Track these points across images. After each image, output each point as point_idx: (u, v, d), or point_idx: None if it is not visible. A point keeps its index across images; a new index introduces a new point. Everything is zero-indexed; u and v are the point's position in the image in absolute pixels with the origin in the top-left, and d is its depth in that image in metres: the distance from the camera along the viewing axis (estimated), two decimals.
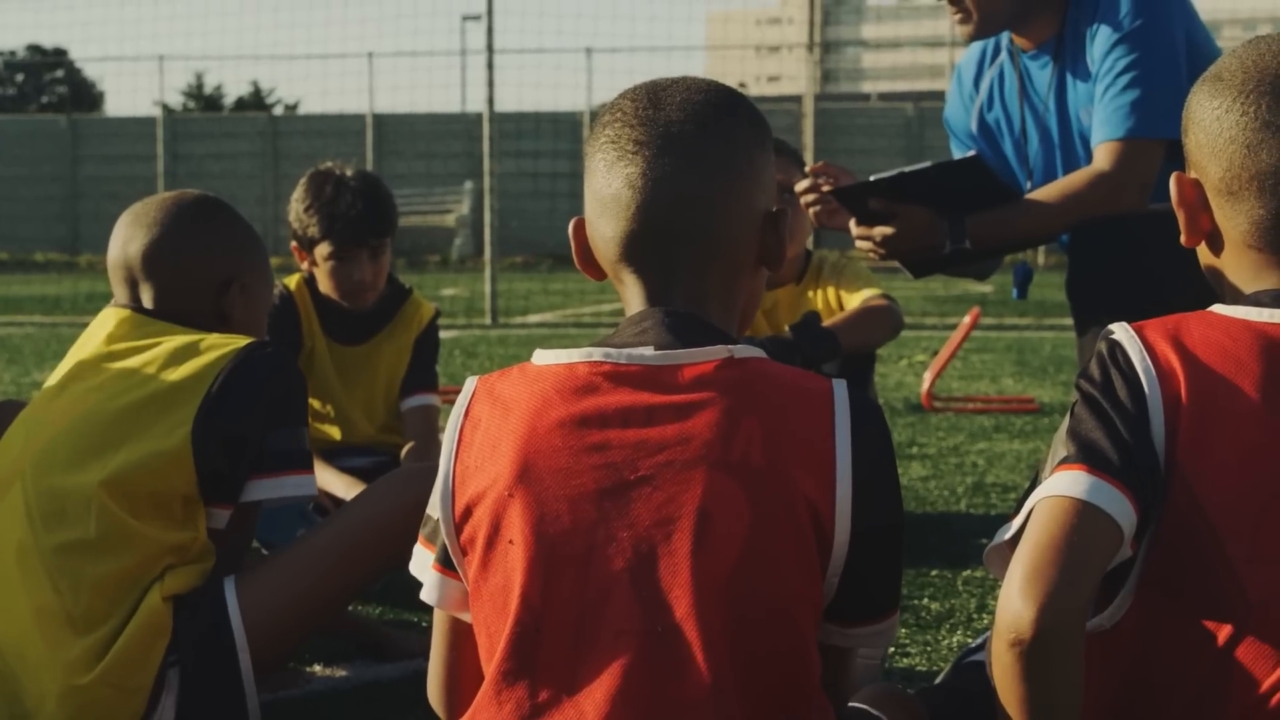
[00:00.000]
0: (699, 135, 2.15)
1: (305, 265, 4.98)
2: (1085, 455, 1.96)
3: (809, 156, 22.00)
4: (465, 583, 2.13)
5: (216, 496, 2.99)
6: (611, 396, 2.07)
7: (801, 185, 4.36)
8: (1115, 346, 2.02)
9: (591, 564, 2.02)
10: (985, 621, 3.96)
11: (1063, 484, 1.94)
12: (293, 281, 5.03)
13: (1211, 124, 2.07)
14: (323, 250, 4.89)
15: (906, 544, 2.16)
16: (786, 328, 4.70)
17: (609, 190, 2.16)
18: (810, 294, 5.13)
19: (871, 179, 4.11)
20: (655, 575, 2.00)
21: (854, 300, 5.02)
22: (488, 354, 11.88)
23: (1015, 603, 1.86)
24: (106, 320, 3.18)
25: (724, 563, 2.00)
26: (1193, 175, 2.12)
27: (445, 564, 2.15)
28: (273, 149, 32.23)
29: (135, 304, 3.20)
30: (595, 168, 2.19)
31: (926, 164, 4.10)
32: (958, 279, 4.61)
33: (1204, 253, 2.15)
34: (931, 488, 5.96)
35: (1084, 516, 1.91)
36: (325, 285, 4.96)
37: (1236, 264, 2.09)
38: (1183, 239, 2.15)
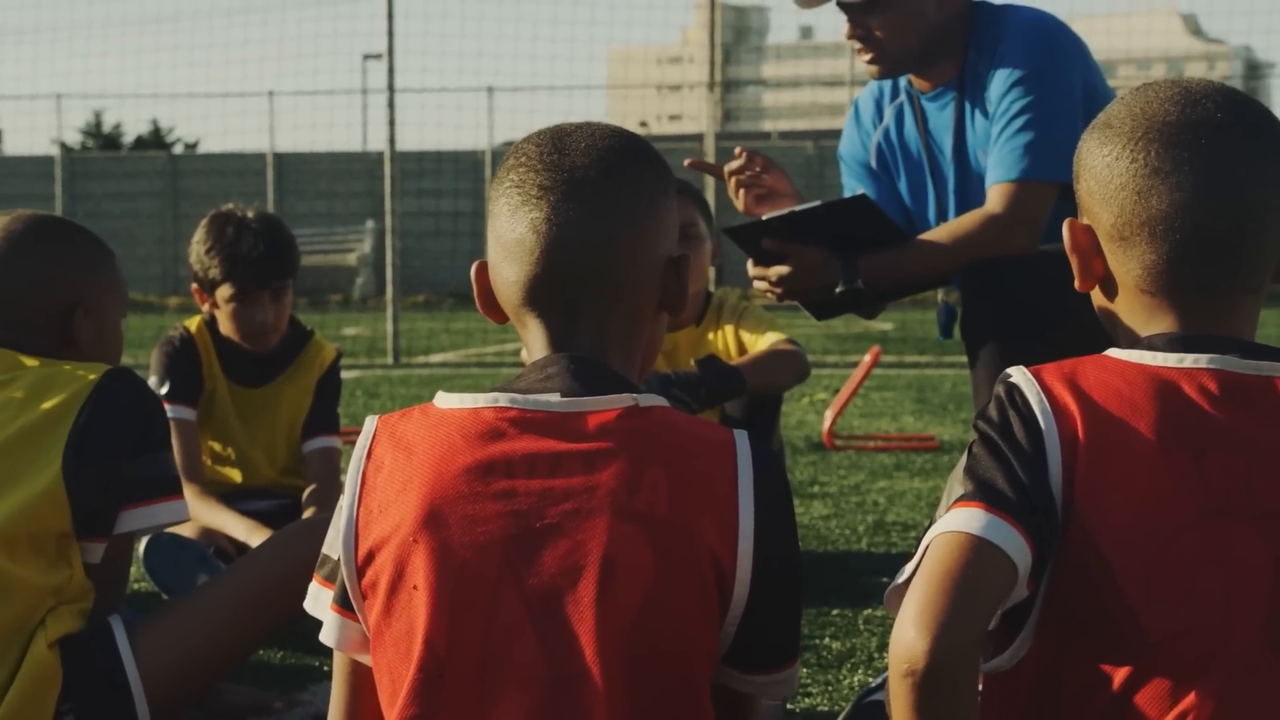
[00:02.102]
0: (603, 181, 2.17)
1: (206, 307, 4.98)
2: (982, 493, 1.98)
3: (711, 195, 22.06)
4: (364, 626, 2.13)
5: (90, 531, 2.94)
6: (518, 443, 2.08)
7: (734, 165, 4.35)
8: (1013, 389, 2.05)
9: (497, 611, 2.03)
10: (886, 661, 3.98)
11: (959, 520, 1.96)
12: (193, 323, 5.02)
13: (1102, 171, 2.10)
14: (224, 292, 4.89)
15: (808, 582, 2.18)
16: (692, 362, 4.73)
17: (513, 234, 2.18)
18: (710, 335, 5.16)
19: (764, 218, 4.13)
20: (560, 623, 2.02)
21: (760, 343, 5.05)
22: (390, 394, 11.84)
23: (909, 634, 1.87)
24: None
25: (628, 611, 2.02)
26: (1085, 221, 2.15)
27: (344, 605, 2.15)
28: (173, 188, 32.03)
29: None
30: (499, 211, 2.20)
31: (816, 203, 4.13)
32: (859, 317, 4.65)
33: (1098, 297, 2.18)
34: (832, 526, 5.98)
35: (979, 552, 1.92)
36: (226, 327, 4.95)
37: (1130, 308, 2.12)
38: (1076, 284, 2.17)
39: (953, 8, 4.21)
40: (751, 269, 4.22)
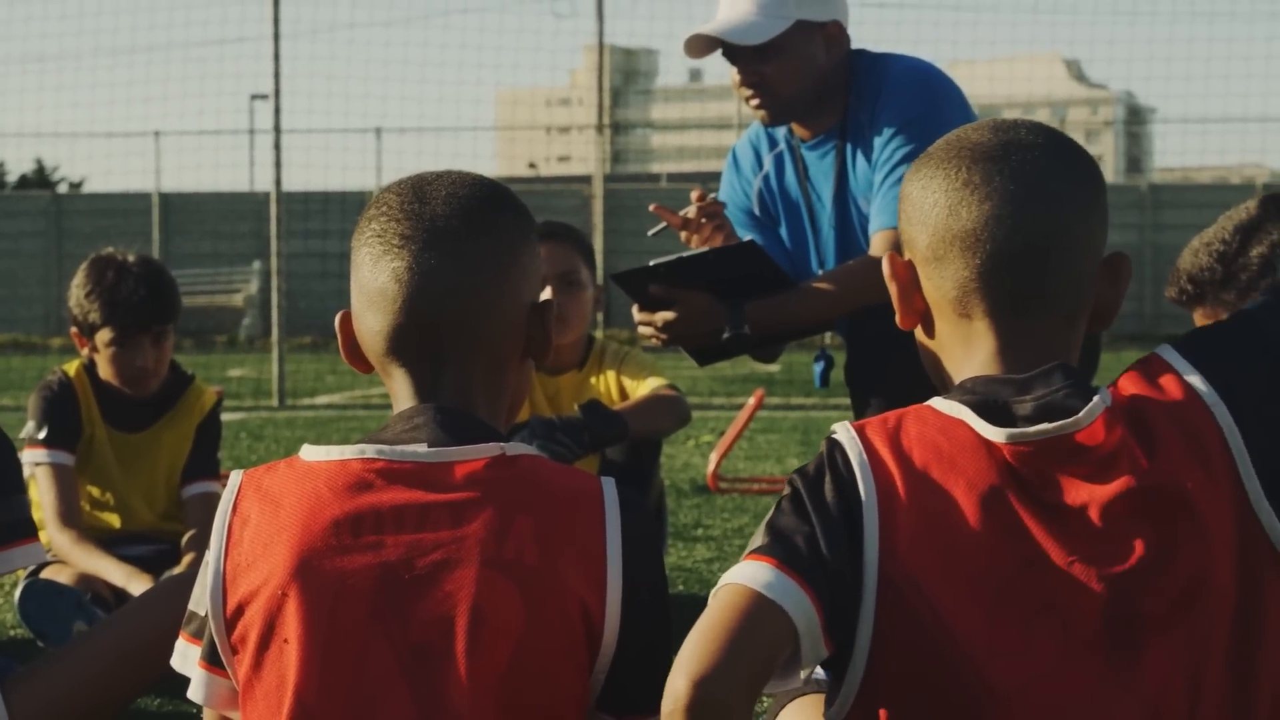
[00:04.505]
0: (464, 229, 2.18)
1: (86, 351, 4.94)
2: (776, 548, 2.00)
3: (598, 237, 22.07)
4: (234, 681, 2.12)
5: None
6: (385, 494, 2.08)
7: (705, 205, 4.33)
8: (836, 447, 2.06)
9: (367, 663, 2.03)
10: (764, 704, 3.99)
11: (746, 573, 1.99)
12: (72, 368, 4.98)
13: (918, 194, 2.14)
14: (104, 336, 4.85)
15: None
16: (576, 407, 4.73)
17: (375, 284, 2.18)
18: (593, 380, 5.17)
19: (651, 264, 4.14)
20: (430, 673, 2.03)
21: (641, 388, 5.06)
22: (274, 436, 11.75)
23: (676, 679, 1.91)
24: None
25: (498, 660, 2.03)
26: (906, 256, 2.17)
27: (212, 661, 2.14)
28: (56, 228, 31.69)
29: None
30: (361, 262, 2.21)
31: (704, 249, 4.15)
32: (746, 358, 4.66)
33: (921, 338, 2.20)
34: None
35: (758, 607, 1.95)
36: (106, 371, 4.91)
37: (949, 339, 2.14)
38: (897, 320, 2.19)
39: (838, 54, 4.25)
40: (637, 314, 4.23)
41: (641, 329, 4.24)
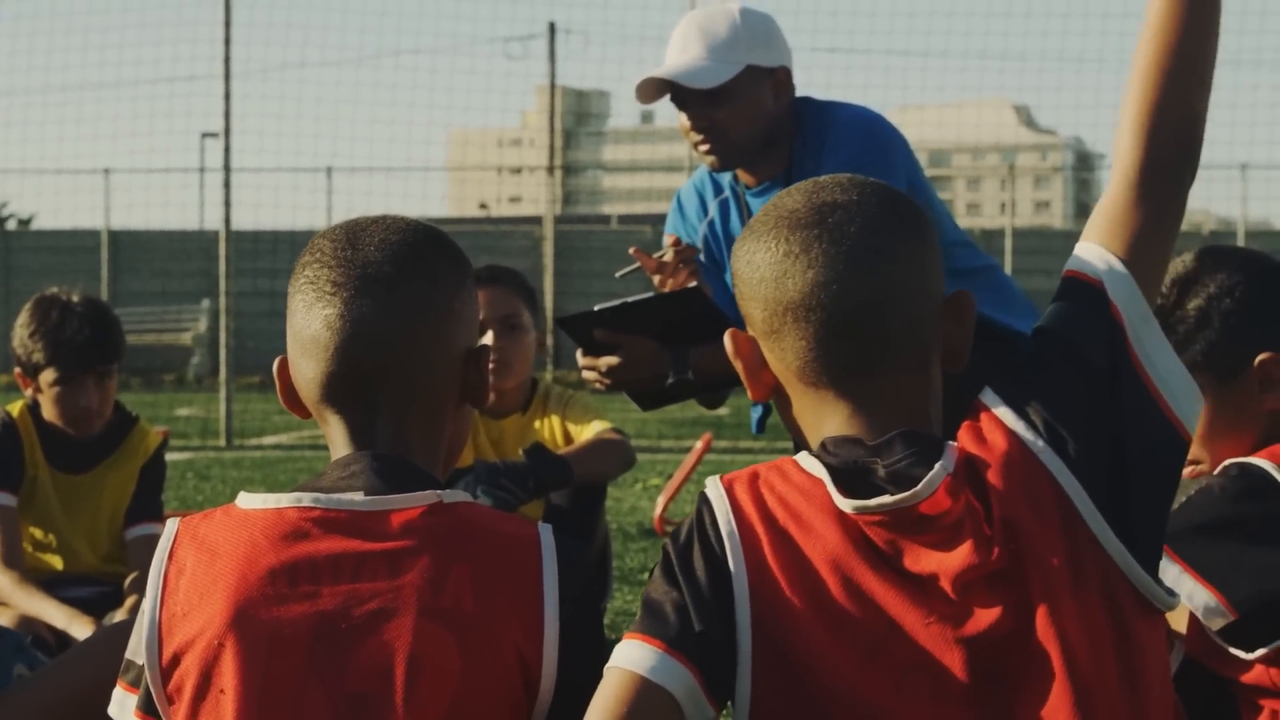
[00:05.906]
0: (396, 276, 2.17)
1: (30, 392, 4.93)
2: (650, 625, 2.01)
3: (548, 278, 22.09)
4: None
5: None
6: (322, 543, 2.07)
7: (681, 249, 4.33)
8: (706, 505, 2.06)
9: (303, 713, 2.03)
10: None
11: (626, 655, 2.00)
12: (15, 408, 4.97)
13: (744, 269, 2.11)
14: (48, 376, 4.84)
15: None
16: (520, 451, 4.74)
17: (309, 331, 2.18)
18: (537, 424, 5.17)
19: (595, 309, 4.14)
20: None
21: (585, 432, 5.07)
22: (221, 476, 11.71)
23: None
24: None
25: (436, 709, 2.02)
26: (750, 332, 2.15)
27: (148, 710, 2.12)
28: (5, 265, 31.54)
29: None
30: (295, 308, 2.21)
31: (649, 294, 4.15)
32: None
33: (782, 409, 2.18)
34: None
35: (640, 692, 1.96)
36: (50, 412, 4.90)
37: (801, 408, 2.12)
38: (749, 394, 2.17)
39: (785, 99, 4.27)
40: (581, 359, 4.23)
41: (585, 374, 4.24)
